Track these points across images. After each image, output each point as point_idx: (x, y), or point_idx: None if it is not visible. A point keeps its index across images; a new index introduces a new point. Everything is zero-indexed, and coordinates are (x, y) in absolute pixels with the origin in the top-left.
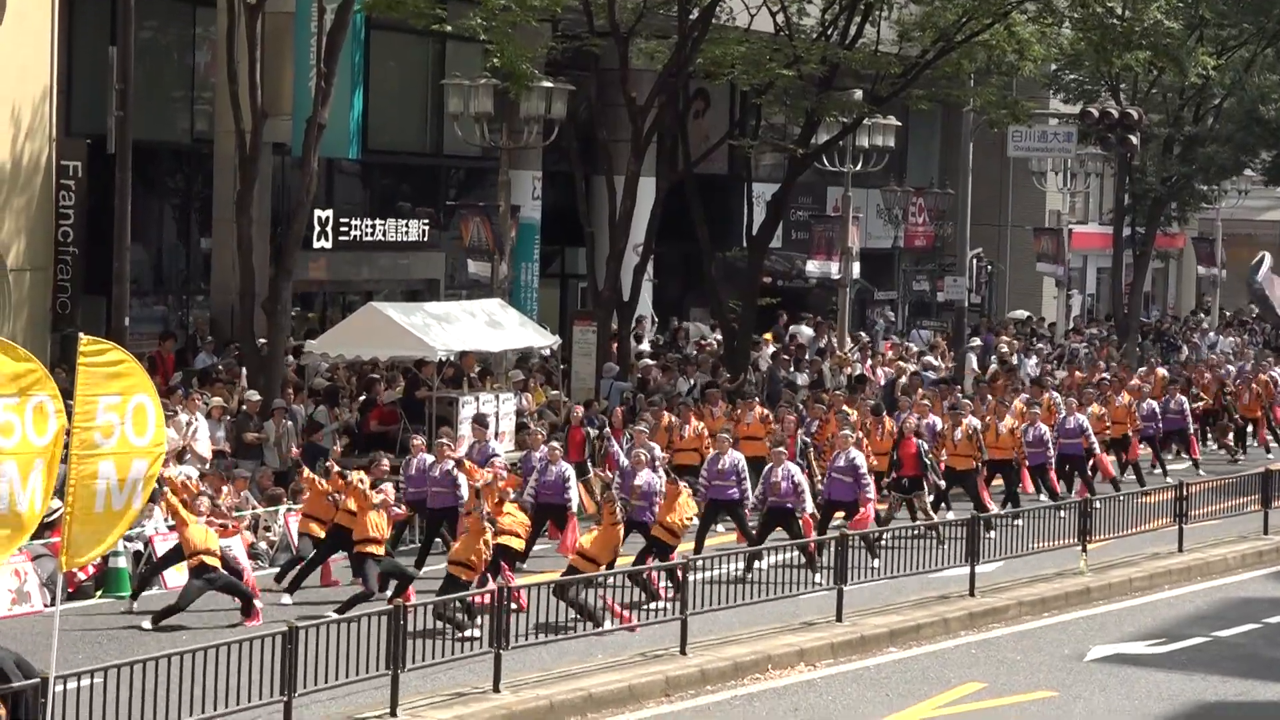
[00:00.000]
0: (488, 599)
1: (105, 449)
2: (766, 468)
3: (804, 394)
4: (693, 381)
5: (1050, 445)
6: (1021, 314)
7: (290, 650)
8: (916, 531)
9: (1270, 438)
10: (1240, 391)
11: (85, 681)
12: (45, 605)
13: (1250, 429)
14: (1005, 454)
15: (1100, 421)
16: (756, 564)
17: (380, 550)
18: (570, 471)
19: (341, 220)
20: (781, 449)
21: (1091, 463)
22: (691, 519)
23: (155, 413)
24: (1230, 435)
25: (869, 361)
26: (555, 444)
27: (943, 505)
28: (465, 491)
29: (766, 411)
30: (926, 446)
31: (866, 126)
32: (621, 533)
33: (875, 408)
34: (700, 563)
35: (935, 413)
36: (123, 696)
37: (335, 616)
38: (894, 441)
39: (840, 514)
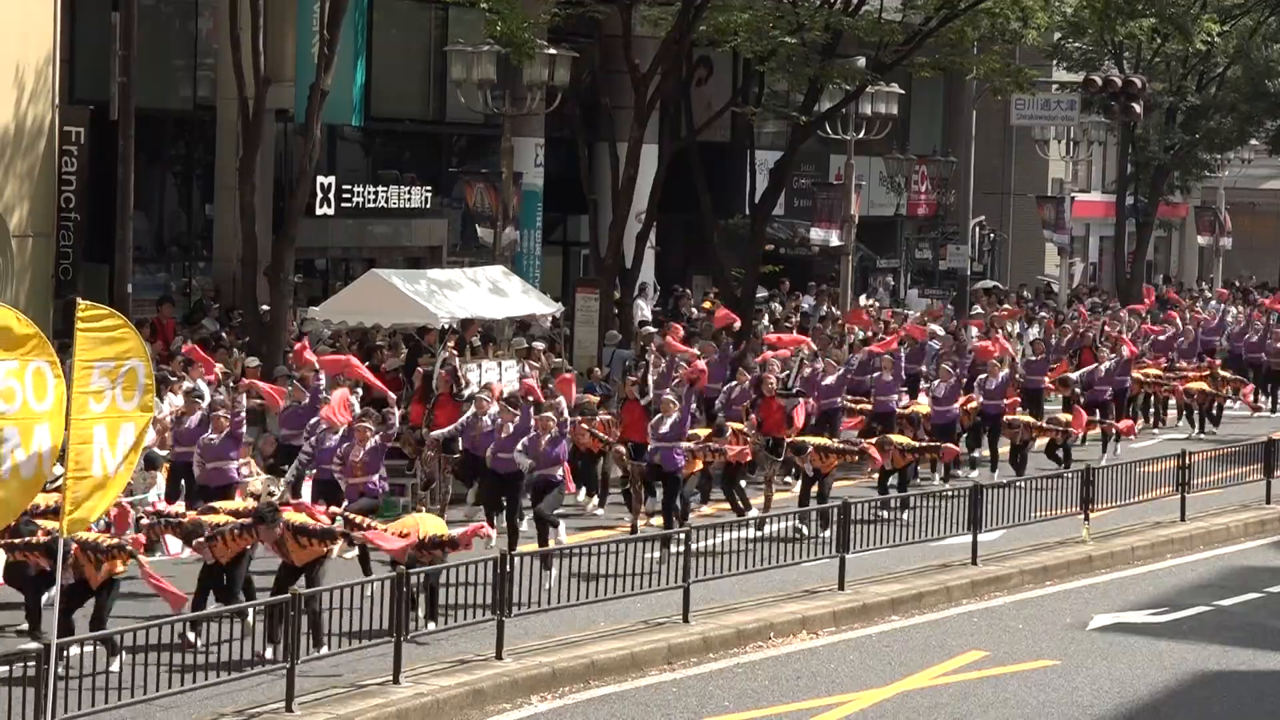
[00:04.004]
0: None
1: (97, 413)
2: None
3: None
4: (697, 350)
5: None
6: (988, 283)
7: (293, 618)
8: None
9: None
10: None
11: (88, 648)
12: None
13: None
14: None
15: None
16: (759, 531)
17: None
18: None
19: (344, 187)
20: None
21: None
22: None
23: (145, 378)
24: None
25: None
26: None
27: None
28: None
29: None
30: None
31: (869, 94)
32: None
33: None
34: (703, 530)
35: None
36: (125, 662)
37: (338, 584)
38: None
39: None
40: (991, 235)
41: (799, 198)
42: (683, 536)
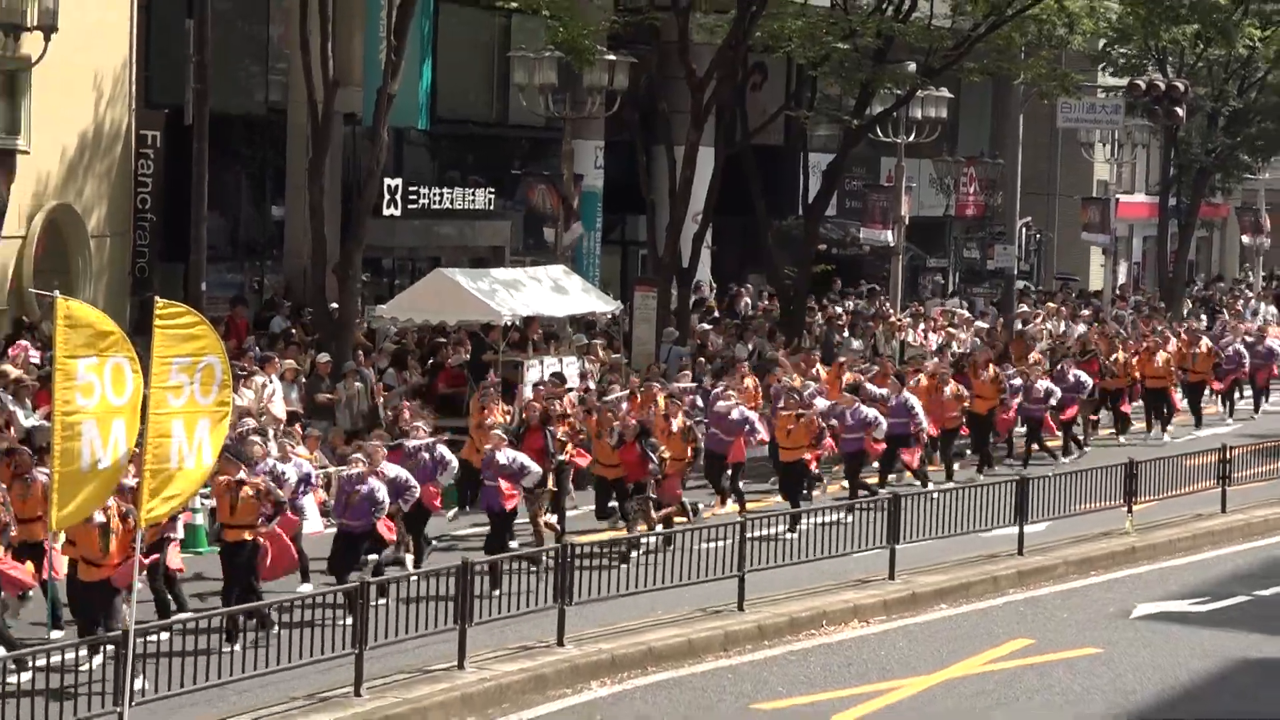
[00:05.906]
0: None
1: (176, 408)
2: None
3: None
4: (750, 346)
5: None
6: (1021, 284)
7: (361, 605)
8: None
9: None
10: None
11: (163, 635)
12: None
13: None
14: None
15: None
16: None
17: None
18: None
19: (410, 188)
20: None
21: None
22: None
23: (222, 373)
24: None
25: (920, 327)
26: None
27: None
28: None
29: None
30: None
31: (919, 98)
32: None
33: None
34: (756, 521)
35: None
36: (200, 650)
37: (405, 573)
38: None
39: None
40: (1038, 236)
41: (850, 199)
42: (738, 527)
